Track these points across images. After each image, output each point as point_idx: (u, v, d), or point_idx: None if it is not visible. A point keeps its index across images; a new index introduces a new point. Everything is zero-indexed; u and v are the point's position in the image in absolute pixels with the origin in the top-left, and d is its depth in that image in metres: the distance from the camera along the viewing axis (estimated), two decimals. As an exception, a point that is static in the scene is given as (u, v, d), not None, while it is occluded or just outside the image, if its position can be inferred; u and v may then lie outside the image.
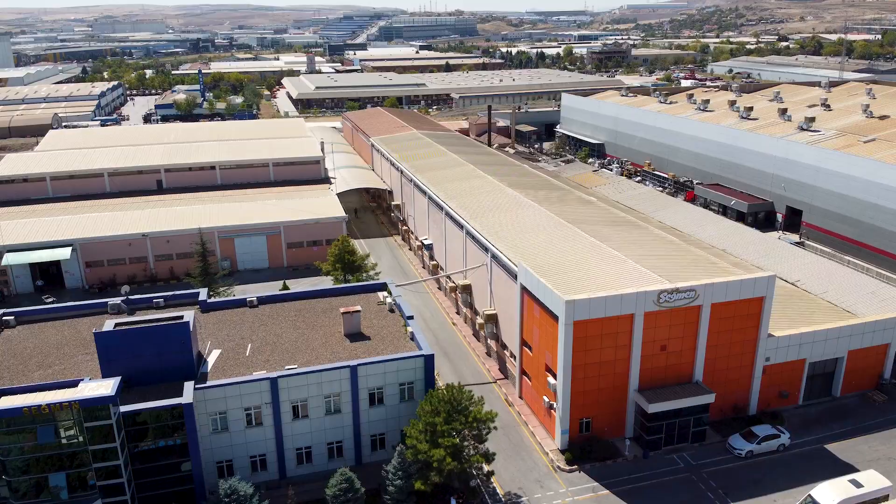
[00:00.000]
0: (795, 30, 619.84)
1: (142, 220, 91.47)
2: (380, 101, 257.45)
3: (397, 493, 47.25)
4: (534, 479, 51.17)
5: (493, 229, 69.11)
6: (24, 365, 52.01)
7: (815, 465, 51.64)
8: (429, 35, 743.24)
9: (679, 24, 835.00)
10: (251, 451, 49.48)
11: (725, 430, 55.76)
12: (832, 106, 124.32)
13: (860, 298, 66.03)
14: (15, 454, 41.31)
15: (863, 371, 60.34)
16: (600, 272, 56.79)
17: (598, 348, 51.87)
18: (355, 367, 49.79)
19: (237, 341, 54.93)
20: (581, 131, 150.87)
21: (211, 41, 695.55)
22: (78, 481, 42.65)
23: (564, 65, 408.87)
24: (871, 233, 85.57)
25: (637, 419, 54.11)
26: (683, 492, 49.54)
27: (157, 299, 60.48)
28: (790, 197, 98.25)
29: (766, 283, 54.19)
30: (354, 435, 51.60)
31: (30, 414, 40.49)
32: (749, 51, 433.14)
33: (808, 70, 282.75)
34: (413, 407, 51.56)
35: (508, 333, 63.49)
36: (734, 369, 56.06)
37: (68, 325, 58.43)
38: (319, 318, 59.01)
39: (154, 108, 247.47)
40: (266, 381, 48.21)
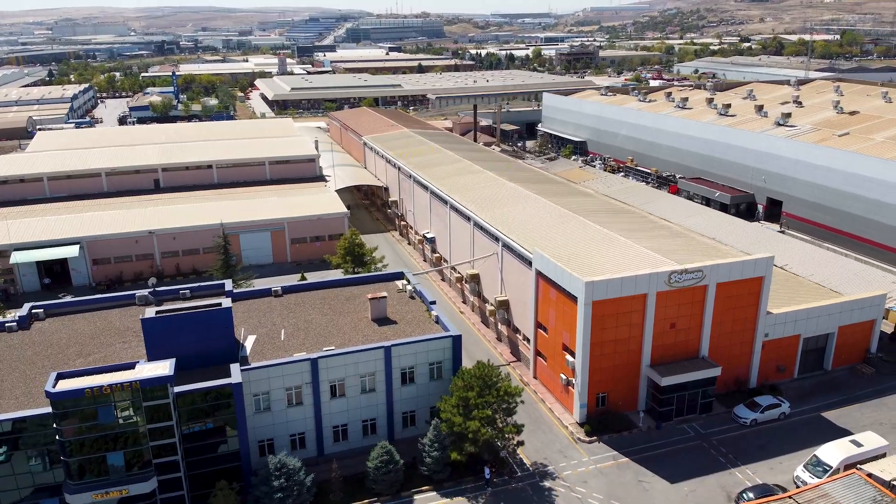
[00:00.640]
0: (755, 31, 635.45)
1: (147, 217, 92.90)
2: (356, 101, 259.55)
3: (434, 464, 50.22)
4: (557, 450, 54.50)
5: (502, 220, 72.38)
6: (62, 354, 53.82)
7: (814, 431, 55.86)
8: (396, 37, 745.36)
9: (642, 26, 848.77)
10: (291, 429, 51.92)
11: (729, 401, 59.76)
12: (804, 103, 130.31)
13: (845, 280, 70.81)
14: (75, 435, 43.18)
15: (851, 346, 64.94)
16: (610, 257, 60.39)
17: (613, 327, 55.41)
18: (389, 347, 52.60)
19: (269, 328, 57.33)
20: (563, 129, 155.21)
21: (176, 43, 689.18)
22: (134, 460, 44.66)
23: (534, 66, 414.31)
24: (848, 221, 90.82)
25: (649, 392, 57.80)
26: (696, 458, 53.31)
27: (184, 290, 62.56)
28: (770, 188, 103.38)
29: (766, 263, 58.38)
30: (387, 412, 54.35)
31: (91, 395, 42.45)
32: (713, 52, 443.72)
33: (772, 70, 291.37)
34: (441, 385, 54.64)
35: (521, 318, 66.80)
36: (736, 345, 60.11)
37: (98, 317, 60.16)
38: (344, 305, 61.65)
39: (128, 111, 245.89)
40: (307, 361, 50.77)
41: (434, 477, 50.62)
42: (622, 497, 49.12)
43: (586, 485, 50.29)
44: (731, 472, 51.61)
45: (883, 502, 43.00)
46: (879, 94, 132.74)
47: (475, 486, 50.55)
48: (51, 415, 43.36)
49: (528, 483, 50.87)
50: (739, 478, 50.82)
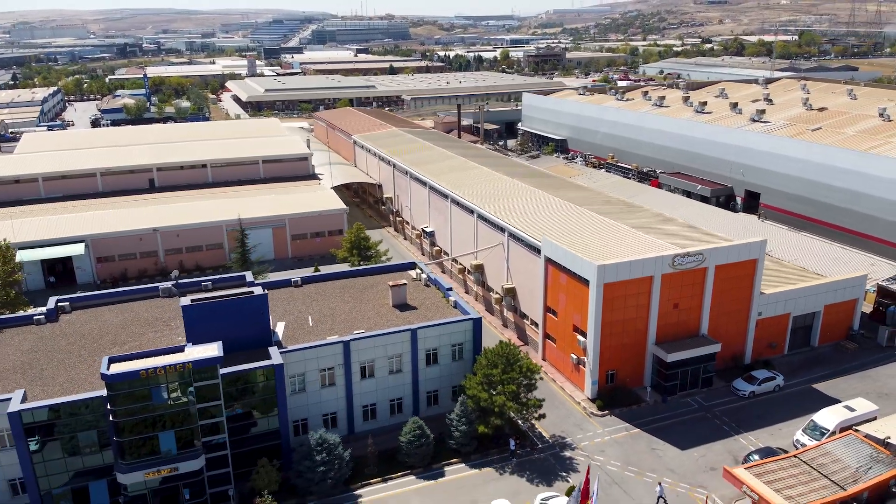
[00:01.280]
0: (715, 32, 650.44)
1: (151, 215, 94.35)
2: (331, 102, 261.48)
3: (462, 438, 53.35)
4: (572, 424, 58.03)
5: (506, 212, 75.79)
6: (96, 343, 55.69)
7: (807, 401, 60.28)
8: (362, 39, 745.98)
9: (605, 28, 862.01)
10: (324, 409, 54.56)
11: (727, 376, 63.96)
12: (774, 100, 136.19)
13: (826, 263, 75.75)
14: (129, 415, 45.30)
15: (836, 324, 69.74)
16: (614, 243, 64.18)
17: (622, 307, 59.17)
18: (415, 330, 55.58)
19: (296, 315, 59.88)
20: (543, 128, 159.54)
21: (138, 46, 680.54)
22: (184, 439, 46.92)
23: (502, 68, 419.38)
24: (824, 210, 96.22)
25: (655, 369, 61.67)
26: (702, 427, 57.31)
27: (206, 283, 64.75)
28: (748, 181, 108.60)
29: (759, 246, 62.80)
30: (413, 392, 57.30)
31: (146, 376, 44.69)
32: (676, 53, 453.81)
33: (734, 70, 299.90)
34: (462, 366, 57.83)
35: (528, 304, 70.28)
36: (733, 323, 64.37)
37: (124, 309, 61.99)
38: (363, 293, 64.45)
39: (100, 113, 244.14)
40: (340, 344, 53.51)
41: (462, 450, 53.73)
42: (638, 463, 52.81)
43: (604, 453, 53.87)
44: (736, 438, 55.70)
45: (879, 458, 47.41)
46: (844, 92, 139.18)
47: (500, 457, 53.78)
48: (105, 397, 45.54)
49: (550, 454, 54.28)
50: (743, 443, 54.91)
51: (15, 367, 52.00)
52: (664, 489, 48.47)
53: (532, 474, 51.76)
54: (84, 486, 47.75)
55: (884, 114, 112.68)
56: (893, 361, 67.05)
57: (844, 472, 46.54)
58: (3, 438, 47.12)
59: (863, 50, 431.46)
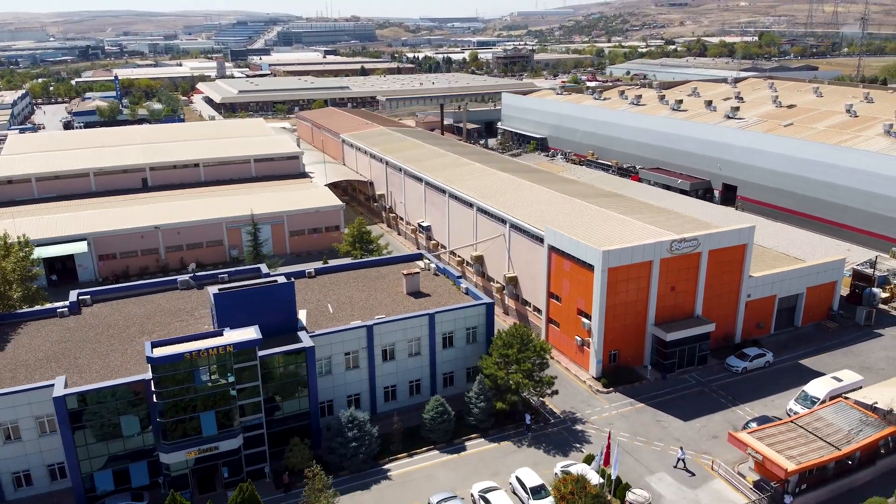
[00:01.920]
0: (677, 34, 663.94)
1: (152, 213, 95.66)
2: (306, 103, 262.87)
3: (480, 414, 56.49)
4: (580, 401, 61.56)
5: (506, 205, 79.15)
6: (124, 333, 57.61)
7: (795, 375, 64.68)
8: (328, 40, 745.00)
9: (569, 30, 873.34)
10: (349, 390, 57.20)
11: (720, 354, 68.13)
12: (744, 98, 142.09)
13: (805, 249, 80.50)
14: (172, 397, 47.49)
15: (817, 305, 74.51)
16: (613, 231, 67.93)
17: (624, 291, 62.90)
18: (433, 314, 58.56)
19: (315, 303, 62.41)
20: (523, 127, 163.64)
21: (100, 48, 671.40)
22: (224, 419, 49.25)
23: (472, 69, 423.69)
24: (798, 201, 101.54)
25: (654, 348, 65.52)
26: (701, 401, 61.27)
27: (222, 275, 66.92)
28: (725, 175, 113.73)
29: (749, 232, 67.15)
30: (431, 373, 60.27)
31: (190, 358, 46.98)
32: (641, 54, 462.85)
33: (699, 70, 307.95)
34: (476, 348, 61.01)
35: (530, 291, 73.72)
36: (724, 305, 68.58)
37: (145, 301, 63.86)
38: (376, 282, 67.24)
39: (72, 116, 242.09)
40: (364, 328, 56.26)
41: (480, 426, 56.85)
42: (645, 433, 56.51)
43: (612, 426, 57.40)
44: (733, 409, 59.74)
45: (868, 421, 51.75)
46: (810, 90, 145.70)
47: (517, 431, 57.02)
48: (148, 380, 47.73)
49: (563, 427, 57.71)
50: (740, 414, 58.97)
51: (48, 357, 53.75)
52: (685, 453, 52.28)
53: (548, 446, 55.12)
54: (125, 468, 49.86)
55: (850, 110, 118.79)
56: (872, 338, 71.98)
57: (838, 434, 50.74)
58: (44, 424, 49.01)
59: (821, 50, 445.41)
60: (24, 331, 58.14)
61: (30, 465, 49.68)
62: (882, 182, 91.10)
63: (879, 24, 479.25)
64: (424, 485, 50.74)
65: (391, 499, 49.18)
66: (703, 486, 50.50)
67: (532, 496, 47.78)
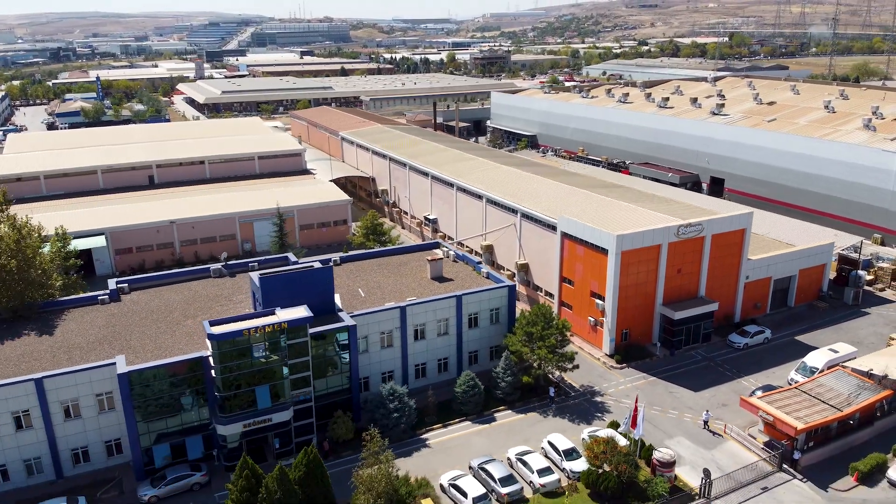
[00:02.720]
0: (648, 35, 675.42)
1: (167, 208, 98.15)
2: (291, 103, 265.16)
3: (507, 388, 60.46)
4: (596, 376, 65.84)
5: (515, 196, 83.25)
6: (169, 317, 60.64)
7: (792, 349, 69.68)
8: (302, 41, 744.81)
9: (542, 31, 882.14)
10: (383, 368, 60.72)
11: (721, 332, 72.88)
12: (726, 96, 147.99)
13: (795, 235, 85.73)
14: (230, 371, 50.69)
15: (808, 286, 79.73)
16: (621, 218, 72.33)
17: (635, 273, 67.34)
18: (460, 296, 62.42)
19: (346, 288, 65.80)
20: (512, 125, 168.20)
21: (72, 50, 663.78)
22: (277, 392, 52.54)
23: (450, 70, 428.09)
24: (783, 192, 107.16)
25: (662, 326, 70.05)
26: (708, 374, 65.92)
27: (252, 263, 70.19)
28: (713, 168, 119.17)
29: (748, 217, 72.10)
30: (457, 352, 64.07)
31: (248, 335, 50.28)
32: (616, 55, 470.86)
33: (673, 70, 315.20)
34: (499, 328, 64.98)
35: (542, 276, 77.90)
36: (725, 286, 73.40)
37: (181, 288, 66.86)
38: (400, 269, 70.90)
39: (55, 117, 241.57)
40: (398, 309, 59.92)
41: (507, 399, 60.80)
42: (660, 403, 60.92)
43: (629, 397, 61.65)
44: (738, 381, 64.46)
45: (865, 386, 56.69)
46: (788, 88, 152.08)
47: (541, 404, 61.08)
48: (206, 357, 50.96)
49: (583, 399, 61.92)
50: (745, 384, 63.67)
51: (99, 340, 56.60)
52: (709, 416, 57.01)
53: (572, 416, 59.26)
54: (181, 442, 52.98)
55: (829, 106, 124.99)
56: (860, 317, 77.40)
57: (838, 398, 55.57)
58: (103, 402, 51.89)
59: (790, 50, 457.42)
60: (70, 317, 60.85)
61: (88, 441, 52.43)
62: (863, 172, 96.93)
63: (846, 25, 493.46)
64: (462, 451, 54.55)
65: (434, 464, 52.86)
66: (718, 447, 55.03)
67: (565, 458, 51.87)
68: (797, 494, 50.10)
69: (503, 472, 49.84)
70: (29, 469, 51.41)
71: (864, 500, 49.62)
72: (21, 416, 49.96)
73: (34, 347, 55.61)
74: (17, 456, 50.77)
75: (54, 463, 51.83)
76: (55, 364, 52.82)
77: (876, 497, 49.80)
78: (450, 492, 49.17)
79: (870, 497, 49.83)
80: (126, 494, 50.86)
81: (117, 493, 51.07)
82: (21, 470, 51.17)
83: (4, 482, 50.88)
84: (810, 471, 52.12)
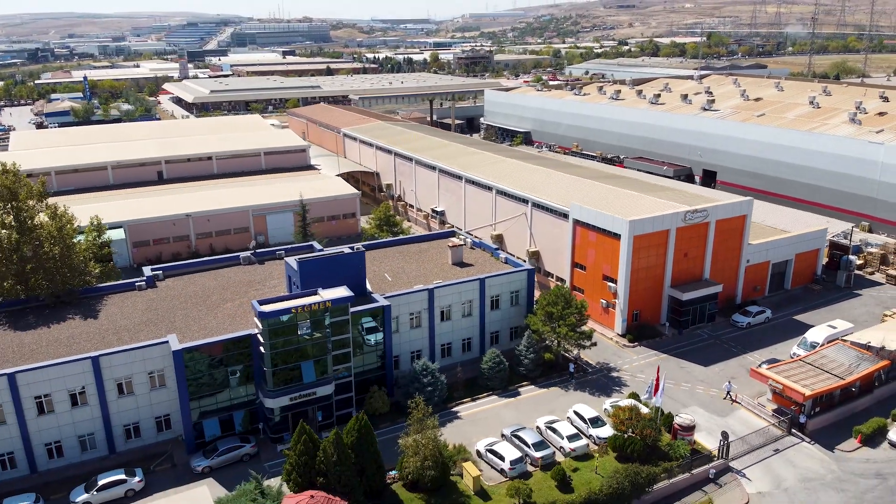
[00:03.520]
0: (627, 35, 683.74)
1: (182, 201, 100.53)
2: (280, 102, 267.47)
3: (530, 364, 64.09)
4: (611, 354, 69.69)
5: (524, 187, 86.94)
6: (208, 300, 63.48)
7: (792, 328, 74.07)
8: (283, 41, 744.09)
9: (521, 32, 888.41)
10: (412, 347, 63.99)
11: (725, 313, 77.08)
12: (714, 93, 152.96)
13: (788, 222, 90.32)
14: (281, 347, 53.64)
15: (804, 270, 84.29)
16: (628, 205, 76.28)
17: (646, 256, 71.29)
18: (483, 279, 65.95)
19: (372, 273, 68.96)
20: (506, 122, 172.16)
21: (50, 50, 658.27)
22: (321, 367, 55.61)
23: (434, 69, 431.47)
24: (774, 183, 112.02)
25: (670, 307, 74.08)
26: (715, 351, 70.06)
27: (279, 251, 73.22)
28: (706, 162, 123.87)
29: (748, 204, 76.44)
30: (480, 332, 67.57)
31: (295, 313, 53.36)
32: (597, 54, 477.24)
33: (654, 69, 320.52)
34: (518, 310, 68.60)
35: (553, 263, 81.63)
36: (727, 269, 77.63)
37: (214, 275, 69.65)
38: (420, 256, 74.26)
39: (43, 117, 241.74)
40: (426, 291, 63.27)
41: (529, 375, 64.43)
42: (673, 377, 64.86)
43: (643, 372, 65.64)
44: (744, 356, 68.65)
45: (864, 357, 61.06)
46: (771, 85, 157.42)
47: (561, 379, 64.77)
48: (255, 334, 53.96)
49: (600, 375, 65.72)
50: (751, 359, 67.84)
51: (144, 322, 59.33)
52: (732, 385, 61.09)
53: (592, 389, 63.02)
54: (229, 416, 55.92)
55: (813, 101, 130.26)
56: (852, 298, 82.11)
57: (840, 368, 59.86)
58: (154, 379, 54.68)
59: (767, 49, 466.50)
60: (110, 302, 63.49)
61: (140, 417, 55.15)
62: (850, 163, 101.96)
63: (821, 24, 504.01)
64: (492, 422, 58.05)
65: (467, 433, 56.25)
66: (731, 414, 59.10)
67: (591, 425, 55.57)
68: (806, 455, 54.27)
69: (535, 437, 53.43)
70: (83, 445, 53.98)
71: (868, 459, 53.90)
72: (77, 393, 52.58)
73: (82, 330, 58.23)
74: (72, 432, 53.34)
75: (107, 439, 54.45)
76: (105, 345, 55.43)
77: (878, 457, 54.11)
78: (486, 457, 52.62)
79: (873, 457, 54.13)
80: (178, 467, 53.67)
81: (169, 466, 53.85)
82: (75, 446, 53.74)
83: (58, 458, 53.43)
84: (817, 434, 56.37)
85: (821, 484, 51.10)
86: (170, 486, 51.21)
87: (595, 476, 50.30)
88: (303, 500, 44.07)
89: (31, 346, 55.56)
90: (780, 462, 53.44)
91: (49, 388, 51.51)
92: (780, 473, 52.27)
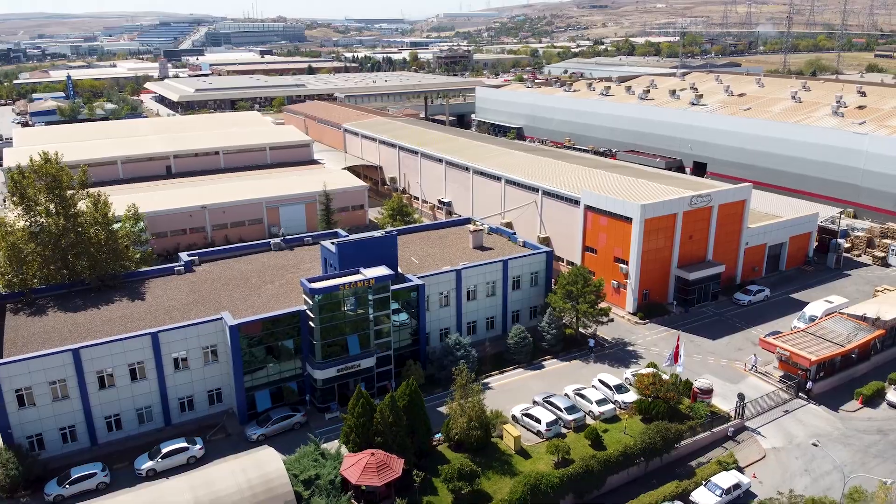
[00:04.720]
0: (601, 35, 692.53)
1: (196, 194, 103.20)
2: (266, 100, 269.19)
3: (552, 339, 68.36)
4: (624, 331, 74.24)
5: (533, 176, 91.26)
6: (247, 283, 66.74)
7: (790, 305, 79.30)
8: (258, 41, 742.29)
9: (497, 31, 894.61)
10: (441, 325, 67.82)
11: (727, 292, 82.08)
12: (698, 89, 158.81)
13: (781, 208, 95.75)
14: (329, 322, 57.19)
15: (797, 252, 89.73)
16: (636, 191, 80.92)
17: (655, 239, 75.95)
18: (506, 261, 70.10)
19: (398, 257, 72.65)
20: (497, 118, 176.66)
21: (22, 51, 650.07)
22: (364, 341, 59.25)
23: (414, 68, 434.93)
24: (762, 174, 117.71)
25: (678, 287, 78.85)
26: (721, 326, 74.96)
27: (307, 238, 76.72)
28: (696, 154, 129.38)
29: (748, 189, 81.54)
30: (503, 311, 71.68)
31: (343, 290, 56.99)
32: (574, 54, 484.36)
33: (632, 68, 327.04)
34: (537, 290, 72.83)
35: (564, 247, 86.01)
36: (729, 251, 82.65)
37: (248, 260, 72.93)
38: (441, 241, 78.17)
39: (28, 116, 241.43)
40: (453, 272, 67.22)
41: (552, 349, 68.71)
42: (685, 350, 69.14)
43: (656, 346, 70.27)
44: (748, 331, 73.62)
45: (860, 328, 66.24)
46: (752, 81, 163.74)
47: (581, 353, 69.12)
48: (304, 310, 57.48)
49: (617, 349, 70.22)
50: (755, 333, 72.73)
51: (191, 302, 62.47)
52: (758, 358, 65.55)
53: (611, 361, 67.47)
54: (279, 388, 59.36)
55: (795, 96, 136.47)
56: (842, 278, 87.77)
57: (840, 337, 64.97)
58: (208, 354, 57.92)
59: (739, 48, 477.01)
60: (153, 285, 66.54)
61: (194, 391, 58.37)
62: (836, 153, 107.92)
63: (792, 24, 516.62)
64: (522, 391, 62.16)
65: (500, 400, 60.04)
66: (742, 381, 63.91)
67: (616, 392, 59.95)
68: (813, 416, 59.25)
69: (566, 402, 57.67)
70: (140, 418, 57.07)
71: (870, 417, 59.04)
72: (136, 368, 55.66)
73: (132, 310, 61.23)
74: (130, 405, 56.41)
75: (164, 411, 57.60)
76: (158, 323, 58.48)
77: (879, 416, 59.28)
78: (523, 420, 56.74)
79: (874, 416, 59.28)
80: (232, 436, 56.98)
81: (224, 436, 57.16)
82: (134, 419, 56.83)
83: (117, 430, 56.42)
84: (822, 397, 61.41)
85: (829, 440, 56.02)
86: (228, 453, 54.39)
87: (624, 436, 54.63)
88: (364, 457, 47.96)
89: (86, 326, 58.41)
90: (791, 421, 58.33)
91: (111, 362, 54.50)
92: (792, 431, 57.14)
